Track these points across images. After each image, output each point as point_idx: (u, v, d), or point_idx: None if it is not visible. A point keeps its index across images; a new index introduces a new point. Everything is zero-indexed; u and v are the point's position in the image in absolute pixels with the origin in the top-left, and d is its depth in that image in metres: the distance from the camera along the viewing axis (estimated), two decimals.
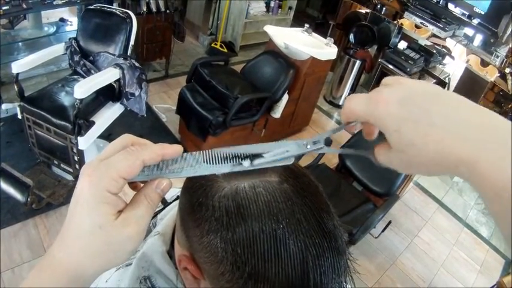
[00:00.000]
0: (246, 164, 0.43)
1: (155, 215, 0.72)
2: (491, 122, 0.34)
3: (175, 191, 0.77)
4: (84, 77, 2.60)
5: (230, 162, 0.43)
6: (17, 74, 2.42)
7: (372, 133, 0.43)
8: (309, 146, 0.44)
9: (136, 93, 2.66)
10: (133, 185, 0.45)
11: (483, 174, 0.32)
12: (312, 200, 0.45)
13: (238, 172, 0.44)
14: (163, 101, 3.96)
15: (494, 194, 0.32)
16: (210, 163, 0.42)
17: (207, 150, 0.43)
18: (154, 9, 3.80)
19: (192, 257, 0.48)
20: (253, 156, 0.43)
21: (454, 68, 4.22)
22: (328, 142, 0.44)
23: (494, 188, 0.31)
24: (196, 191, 0.47)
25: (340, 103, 4.74)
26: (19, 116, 2.51)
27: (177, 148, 0.43)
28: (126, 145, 0.43)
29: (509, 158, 0.31)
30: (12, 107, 2.67)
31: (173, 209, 0.68)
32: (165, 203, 0.73)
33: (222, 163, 0.42)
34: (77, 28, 2.88)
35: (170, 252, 0.59)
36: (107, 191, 0.38)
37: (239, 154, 0.43)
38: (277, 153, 0.43)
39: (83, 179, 0.39)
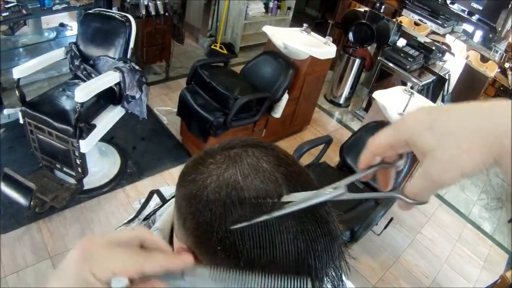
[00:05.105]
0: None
1: (154, 212, 0.73)
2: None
3: (173, 188, 0.78)
4: (84, 81, 2.62)
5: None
6: (18, 79, 2.44)
7: (389, 179, 0.48)
8: (328, 191, 0.45)
9: (137, 96, 2.67)
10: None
11: None
12: (303, 187, 0.46)
13: (230, 161, 0.46)
14: (164, 104, 3.97)
15: None
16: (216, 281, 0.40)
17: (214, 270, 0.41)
18: (153, 13, 3.81)
19: (189, 249, 0.49)
20: None
21: (454, 64, 4.21)
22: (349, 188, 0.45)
23: None
24: (190, 184, 0.48)
25: (341, 102, 4.75)
26: (21, 121, 2.52)
27: (186, 260, 0.42)
28: (136, 240, 0.42)
29: None
30: (14, 112, 2.69)
31: (171, 206, 0.69)
32: (164, 200, 0.74)
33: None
34: (76, 33, 2.90)
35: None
36: (92, 274, 0.37)
37: None
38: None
39: (76, 250, 0.38)
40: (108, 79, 2.49)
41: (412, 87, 3.10)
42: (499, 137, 0.36)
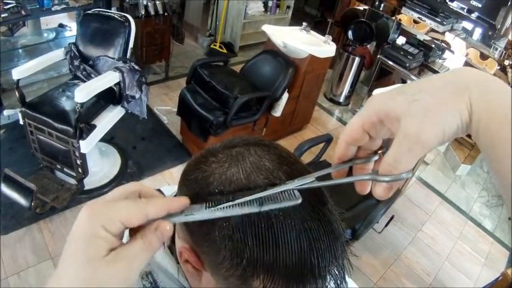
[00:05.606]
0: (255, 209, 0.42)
1: None
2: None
3: (174, 188, 0.78)
4: (84, 81, 2.61)
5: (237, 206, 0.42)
6: (18, 80, 2.44)
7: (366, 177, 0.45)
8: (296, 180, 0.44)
9: (137, 96, 2.67)
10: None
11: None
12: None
13: (232, 159, 0.47)
14: (164, 103, 3.97)
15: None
16: (210, 208, 0.43)
17: (209, 204, 0.43)
18: (152, 12, 3.81)
19: (192, 248, 0.49)
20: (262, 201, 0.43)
21: (453, 62, 4.21)
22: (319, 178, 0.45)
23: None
24: (192, 183, 0.48)
25: (341, 100, 4.75)
26: (21, 122, 2.52)
27: (184, 202, 0.44)
28: (133, 194, 0.44)
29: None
30: (14, 113, 2.69)
31: None
32: None
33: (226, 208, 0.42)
34: (76, 33, 2.90)
35: (171, 247, 0.60)
36: (102, 227, 0.38)
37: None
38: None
39: (82, 212, 0.39)
40: (107, 79, 2.48)
41: None
42: (467, 87, 0.38)
